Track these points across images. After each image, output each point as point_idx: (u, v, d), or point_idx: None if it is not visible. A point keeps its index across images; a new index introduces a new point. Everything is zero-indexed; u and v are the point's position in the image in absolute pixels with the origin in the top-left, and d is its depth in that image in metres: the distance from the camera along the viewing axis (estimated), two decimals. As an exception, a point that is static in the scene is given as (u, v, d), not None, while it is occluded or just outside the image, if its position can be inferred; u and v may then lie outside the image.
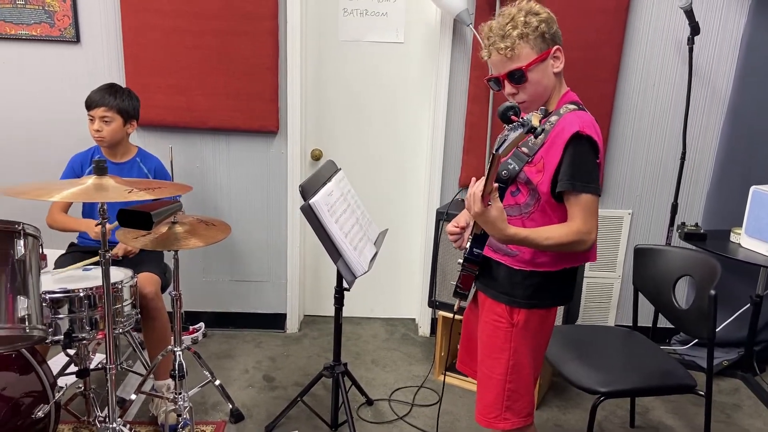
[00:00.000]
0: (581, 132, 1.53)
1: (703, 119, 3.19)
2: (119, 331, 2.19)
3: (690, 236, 2.93)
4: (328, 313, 3.62)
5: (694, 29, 2.91)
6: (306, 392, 2.60)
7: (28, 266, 1.78)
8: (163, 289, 2.60)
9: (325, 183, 2.25)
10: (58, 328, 2.03)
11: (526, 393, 1.74)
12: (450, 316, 2.87)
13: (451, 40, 3.08)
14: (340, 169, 2.48)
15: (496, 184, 1.52)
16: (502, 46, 1.57)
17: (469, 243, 1.71)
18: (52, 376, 2.13)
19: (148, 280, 2.45)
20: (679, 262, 2.30)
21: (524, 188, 1.63)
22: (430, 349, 3.31)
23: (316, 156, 3.37)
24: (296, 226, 3.33)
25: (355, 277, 2.18)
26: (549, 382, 2.93)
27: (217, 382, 2.57)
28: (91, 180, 1.78)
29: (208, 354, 3.13)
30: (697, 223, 3.07)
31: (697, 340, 3.22)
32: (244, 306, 3.45)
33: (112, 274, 1.94)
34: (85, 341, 2.12)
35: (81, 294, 2.04)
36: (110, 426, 1.98)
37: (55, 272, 2.31)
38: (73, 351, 2.28)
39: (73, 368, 2.31)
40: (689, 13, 2.86)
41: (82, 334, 2.06)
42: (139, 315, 2.33)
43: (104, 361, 2.02)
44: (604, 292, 3.39)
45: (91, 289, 2.06)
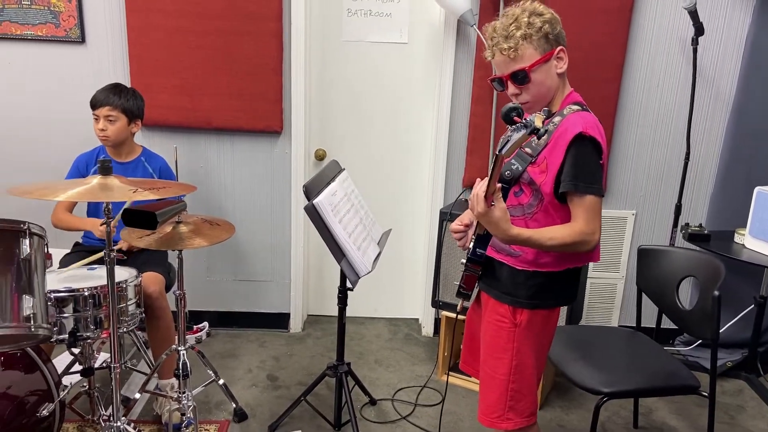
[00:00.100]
0: (584, 133, 1.53)
1: (708, 120, 3.18)
2: (124, 330, 2.20)
3: (694, 237, 2.92)
4: (331, 313, 3.63)
5: (698, 29, 2.90)
6: (309, 392, 2.60)
7: (34, 265, 1.79)
8: (168, 289, 2.61)
9: (329, 183, 2.26)
10: (63, 327, 2.03)
11: (529, 393, 1.75)
12: (453, 316, 2.87)
13: (455, 41, 3.09)
14: (344, 169, 2.48)
15: (499, 185, 1.52)
16: (506, 46, 1.57)
17: (472, 243, 1.71)
18: (56, 375, 2.14)
19: (153, 280, 2.46)
20: (683, 262, 2.30)
21: (527, 189, 1.64)
22: (433, 349, 3.31)
23: (320, 156, 3.37)
24: (300, 225, 3.33)
25: (359, 277, 2.18)
26: (552, 383, 2.93)
27: (221, 382, 2.58)
28: (96, 180, 1.79)
29: (211, 353, 3.13)
30: (701, 224, 3.06)
31: (701, 341, 3.22)
32: (247, 306, 3.46)
33: (117, 274, 1.95)
34: (89, 340, 2.12)
35: (86, 293, 2.04)
36: (114, 425, 1.99)
37: (60, 271, 2.33)
38: (77, 350, 2.29)
39: (78, 367, 2.32)
40: (693, 14, 2.86)
41: (87, 333, 2.06)
42: (143, 314, 2.33)
43: (108, 360, 2.03)
44: (608, 293, 3.39)
45: (96, 288, 2.06)
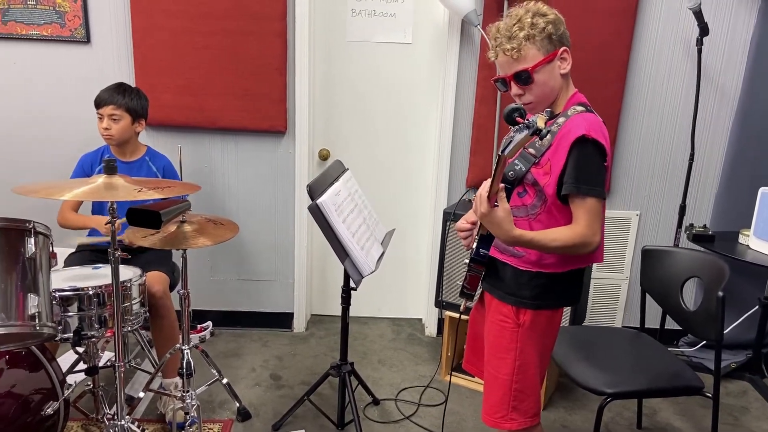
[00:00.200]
0: (587, 135, 1.52)
1: (712, 120, 3.17)
2: (128, 329, 2.21)
3: (698, 238, 2.92)
4: (334, 313, 3.63)
5: (703, 30, 2.90)
6: (313, 391, 2.60)
7: (39, 264, 1.80)
8: (172, 288, 2.61)
9: (333, 183, 2.26)
10: (68, 325, 2.05)
11: (533, 393, 1.75)
12: (456, 316, 2.87)
13: (459, 41, 3.09)
14: (348, 169, 2.48)
15: (503, 185, 1.52)
16: (509, 47, 1.57)
17: (476, 243, 1.71)
18: (61, 374, 2.15)
19: (157, 279, 2.46)
20: (687, 263, 2.30)
21: (531, 189, 1.63)
22: (437, 349, 3.31)
23: (324, 156, 3.38)
24: (304, 225, 3.34)
25: (362, 277, 2.18)
26: (556, 383, 2.93)
27: (225, 381, 2.58)
28: (101, 179, 1.80)
29: (215, 353, 3.14)
30: (706, 225, 3.06)
31: (705, 342, 3.21)
32: (251, 305, 3.47)
33: (121, 273, 1.96)
34: (94, 339, 2.13)
35: (90, 292, 2.06)
36: (119, 423, 1.99)
37: (64, 270, 2.34)
38: (82, 349, 2.30)
39: (82, 366, 2.33)
40: (698, 14, 2.85)
41: (91, 332, 2.07)
42: (147, 313, 2.34)
43: (113, 359, 2.03)
44: (612, 294, 3.39)
45: (101, 287, 2.08)
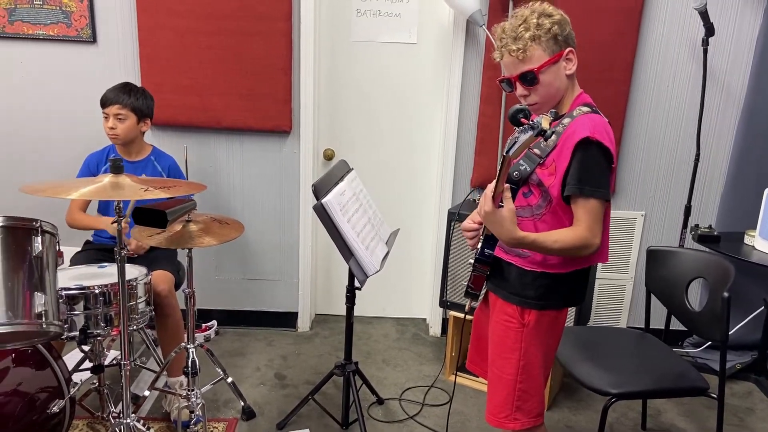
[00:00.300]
0: (591, 137, 1.51)
1: (718, 120, 3.17)
2: (133, 327, 2.22)
3: (703, 238, 2.91)
4: (338, 312, 3.63)
5: (709, 30, 2.89)
6: (317, 390, 2.61)
7: (45, 263, 1.81)
8: (177, 287, 2.63)
9: (338, 182, 2.26)
10: (74, 324, 2.05)
11: (537, 393, 1.75)
12: (461, 316, 2.88)
13: (464, 41, 3.09)
14: (353, 168, 2.49)
15: (507, 185, 1.52)
16: (514, 47, 1.57)
17: (481, 243, 1.71)
18: (67, 372, 2.16)
19: (162, 278, 2.47)
20: (693, 264, 2.29)
21: (536, 190, 1.63)
22: (441, 349, 3.31)
23: (329, 156, 3.38)
24: (308, 225, 3.34)
25: (367, 277, 2.19)
26: (560, 383, 2.93)
27: (230, 380, 2.59)
28: (108, 178, 1.81)
29: (220, 352, 3.15)
30: (711, 225, 3.05)
31: (710, 343, 3.20)
32: (256, 304, 3.48)
33: (127, 272, 1.96)
34: (99, 337, 2.14)
35: (96, 291, 2.06)
36: (124, 422, 2.00)
37: (70, 268, 2.35)
38: (87, 347, 2.31)
39: (88, 364, 2.34)
40: (704, 14, 2.84)
41: (97, 331, 2.08)
42: (153, 312, 2.35)
43: (118, 358, 2.04)
44: (616, 294, 3.38)
45: (106, 286, 2.08)
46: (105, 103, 2.58)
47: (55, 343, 2.20)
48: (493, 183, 1.50)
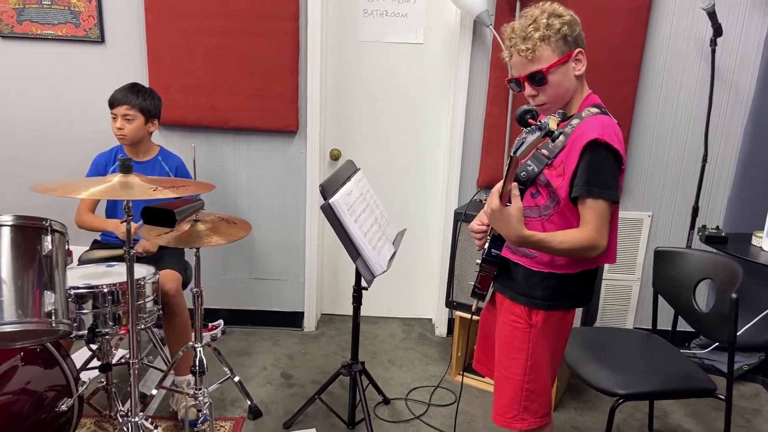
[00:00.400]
0: (599, 139, 1.51)
1: (726, 121, 3.16)
2: (142, 326, 2.23)
3: (711, 239, 2.90)
4: (344, 312, 3.64)
5: (717, 30, 2.88)
6: (323, 390, 2.62)
7: (55, 262, 1.82)
8: (184, 286, 2.63)
9: (345, 183, 2.27)
10: (82, 323, 2.06)
11: (543, 393, 1.75)
12: (467, 316, 2.87)
13: (471, 41, 3.09)
14: (360, 168, 2.49)
15: (515, 183, 1.52)
16: (523, 47, 1.57)
17: (488, 244, 1.71)
18: (75, 370, 2.17)
19: (170, 277, 2.49)
20: (700, 265, 2.29)
21: (544, 190, 1.63)
22: (447, 350, 3.31)
23: (335, 156, 3.39)
24: (314, 225, 3.35)
25: (374, 276, 2.19)
26: (566, 384, 2.92)
27: (237, 379, 2.60)
28: (117, 178, 1.82)
29: (226, 351, 3.16)
30: (718, 226, 3.04)
31: (717, 344, 3.19)
32: (262, 304, 3.48)
33: (135, 271, 1.97)
34: (108, 336, 2.15)
35: (105, 290, 2.07)
36: (132, 420, 2.01)
37: (79, 267, 2.36)
38: (95, 346, 2.32)
39: (96, 363, 2.35)
40: (712, 15, 2.83)
41: (106, 330, 2.09)
42: (160, 311, 2.36)
43: (126, 356, 2.05)
44: (623, 295, 3.37)
45: (115, 285, 2.09)
46: (113, 103, 2.59)
47: (64, 341, 2.21)
48: (501, 183, 1.50)
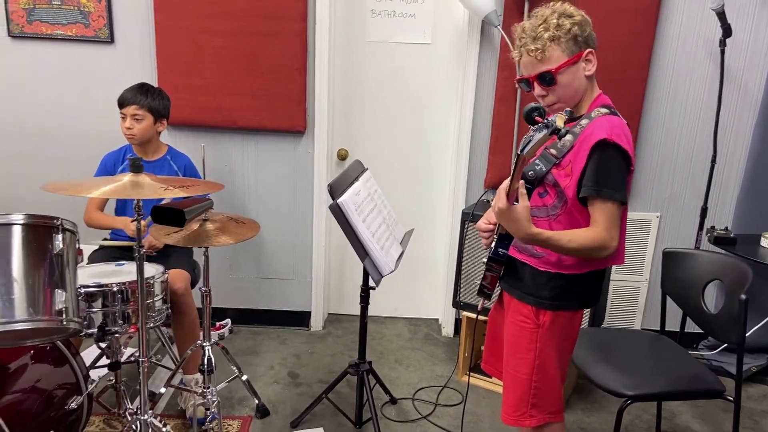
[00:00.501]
0: (608, 139, 1.51)
1: (735, 122, 3.14)
2: (151, 325, 2.23)
3: (720, 240, 2.89)
4: (351, 312, 3.64)
5: (726, 31, 2.87)
6: (331, 389, 2.62)
7: (66, 260, 1.82)
8: (193, 285, 2.64)
9: (353, 182, 2.27)
10: (92, 321, 2.08)
11: (553, 391, 1.74)
12: (474, 316, 2.87)
13: (479, 41, 3.09)
14: (367, 168, 2.49)
15: (522, 181, 1.52)
16: (533, 47, 1.57)
17: (494, 243, 1.71)
18: (85, 368, 2.18)
19: (179, 276, 2.50)
20: (709, 266, 2.28)
21: (552, 190, 1.63)
22: (453, 350, 3.31)
23: (343, 156, 3.39)
24: (322, 225, 3.35)
25: (382, 276, 2.19)
26: (574, 385, 2.92)
27: (244, 378, 2.61)
28: (128, 177, 1.83)
29: (234, 350, 3.16)
30: (727, 227, 3.03)
31: (725, 346, 3.18)
32: (269, 303, 3.49)
33: (144, 270, 1.98)
34: (117, 335, 2.16)
35: (114, 289, 2.08)
36: (141, 418, 2.02)
37: (88, 266, 2.37)
38: (105, 344, 2.33)
39: (105, 361, 2.36)
40: (721, 15, 2.82)
41: (115, 328, 2.10)
42: (169, 310, 2.37)
43: (135, 355, 2.06)
44: (631, 296, 3.36)
45: (124, 284, 2.10)
46: (122, 103, 2.60)
47: (74, 339, 2.22)
48: (507, 180, 1.49)
